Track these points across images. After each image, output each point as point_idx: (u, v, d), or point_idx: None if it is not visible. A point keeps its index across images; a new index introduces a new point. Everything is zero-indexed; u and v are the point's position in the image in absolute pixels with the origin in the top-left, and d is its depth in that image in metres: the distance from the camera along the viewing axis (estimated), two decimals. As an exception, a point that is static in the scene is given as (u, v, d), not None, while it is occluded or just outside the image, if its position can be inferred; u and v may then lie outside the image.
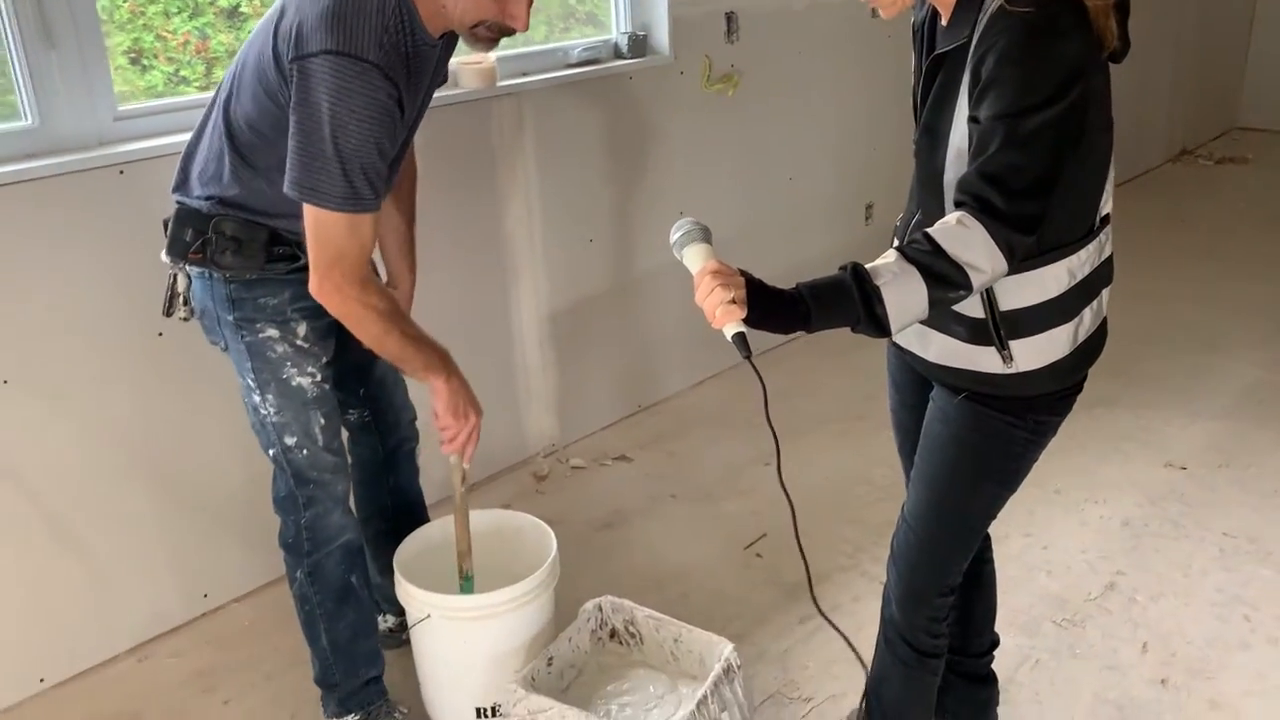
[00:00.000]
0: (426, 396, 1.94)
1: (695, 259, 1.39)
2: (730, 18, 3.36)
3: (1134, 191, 5.74)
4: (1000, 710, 2.09)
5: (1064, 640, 2.35)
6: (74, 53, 2.15)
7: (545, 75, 2.95)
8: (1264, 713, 2.12)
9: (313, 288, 1.71)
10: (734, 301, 1.31)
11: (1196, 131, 6.53)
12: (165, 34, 2.46)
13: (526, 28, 1.72)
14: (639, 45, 3.16)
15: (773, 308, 1.34)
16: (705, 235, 1.42)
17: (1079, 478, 3.00)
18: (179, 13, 2.47)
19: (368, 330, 1.76)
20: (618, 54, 3.17)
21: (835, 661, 2.31)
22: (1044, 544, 2.71)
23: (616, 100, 3.13)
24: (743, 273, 1.35)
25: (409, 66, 1.69)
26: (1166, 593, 2.50)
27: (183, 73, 2.51)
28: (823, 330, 1.37)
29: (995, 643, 1.95)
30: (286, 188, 1.67)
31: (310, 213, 1.67)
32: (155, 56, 2.44)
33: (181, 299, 1.90)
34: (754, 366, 1.39)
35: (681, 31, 3.23)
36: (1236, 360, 3.69)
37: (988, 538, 1.88)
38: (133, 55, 2.41)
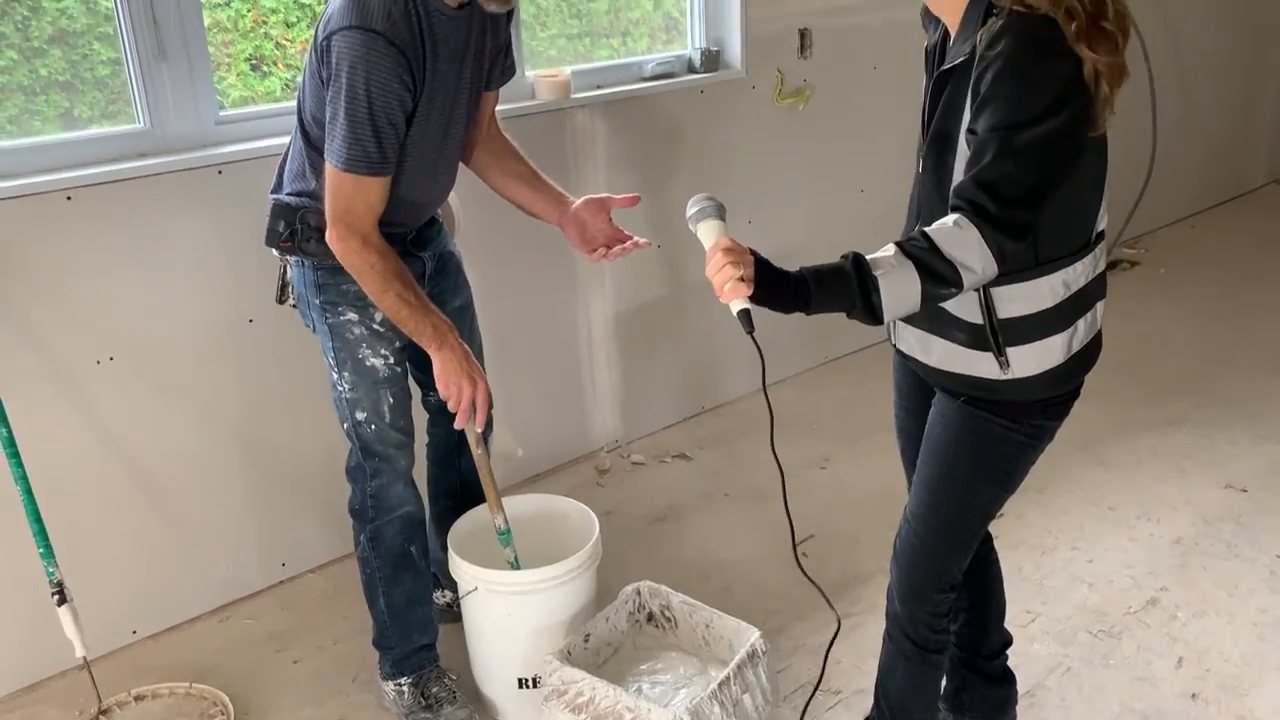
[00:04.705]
0: (498, 383, 2.06)
1: (709, 234, 1.50)
2: (804, 34, 3.45)
3: (1230, 213, 5.61)
4: (1025, 713, 2.15)
5: (1098, 650, 2.38)
6: (183, 64, 2.37)
7: (619, 88, 3.09)
8: (1294, 732, 2.13)
9: (327, 235, 1.91)
10: (742, 279, 1.41)
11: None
12: (284, 41, 2.66)
13: None
14: (712, 60, 3.28)
15: (777, 288, 1.44)
16: (720, 212, 1.53)
17: (1134, 495, 3.00)
18: (298, 22, 2.67)
19: (366, 284, 1.93)
20: (691, 69, 3.29)
21: (868, 658, 2.38)
22: (1090, 558, 2.73)
23: (688, 113, 3.26)
24: (752, 252, 1.45)
25: (424, 34, 1.85)
26: (1209, 611, 2.50)
27: (299, 79, 2.71)
28: (821, 313, 1.47)
29: (1007, 642, 2.01)
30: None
31: (327, 168, 1.87)
32: (274, 63, 2.65)
33: (290, 287, 2.12)
34: (755, 342, 1.49)
35: (754, 47, 3.33)
36: (1315, 385, 3.63)
37: (990, 540, 1.94)
38: (254, 62, 2.62)
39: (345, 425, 2.13)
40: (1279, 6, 5.59)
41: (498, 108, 2.23)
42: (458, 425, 2.05)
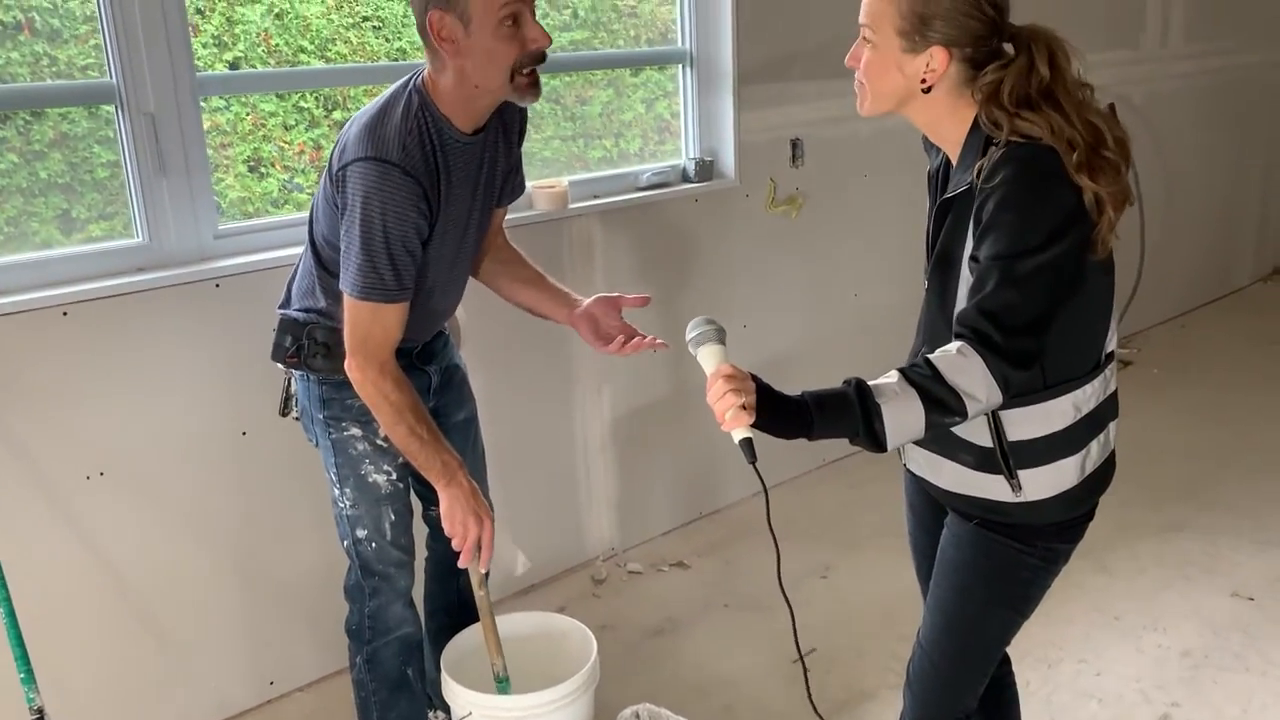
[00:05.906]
0: (494, 490, 2.03)
1: (710, 359, 1.48)
2: (795, 144, 3.51)
3: (1219, 312, 5.66)
4: (1039, 840, 2.07)
5: (1111, 772, 2.32)
6: (183, 181, 2.39)
7: (615, 198, 3.13)
8: None
9: (346, 364, 1.90)
10: (744, 407, 1.38)
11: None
12: (283, 144, 2.69)
13: (548, 38, 1.82)
14: (705, 170, 3.33)
15: (780, 414, 1.41)
16: (720, 336, 1.51)
17: (1140, 604, 2.95)
18: (296, 124, 2.70)
19: (379, 414, 1.92)
20: (685, 178, 3.34)
21: (874, 781, 2.31)
22: (1098, 671, 2.67)
23: (682, 221, 3.29)
24: (753, 377, 1.43)
25: (439, 162, 1.87)
26: (1222, 728, 2.44)
27: (296, 179, 2.73)
28: (823, 439, 1.44)
29: (1024, 768, 1.95)
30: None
31: (345, 297, 1.88)
32: (272, 165, 2.68)
33: (294, 400, 2.10)
34: (758, 472, 1.45)
35: (747, 156, 3.39)
36: (1316, 488, 3.61)
37: (1008, 661, 1.89)
38: (252, 164, 2.65)
39: (345, 543, 2.09)
40: (1259, 112, 5.74)
41: (500, 217, 2.25)
42: (461, 564, 2.03)
